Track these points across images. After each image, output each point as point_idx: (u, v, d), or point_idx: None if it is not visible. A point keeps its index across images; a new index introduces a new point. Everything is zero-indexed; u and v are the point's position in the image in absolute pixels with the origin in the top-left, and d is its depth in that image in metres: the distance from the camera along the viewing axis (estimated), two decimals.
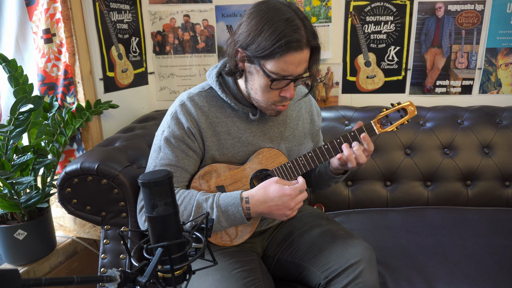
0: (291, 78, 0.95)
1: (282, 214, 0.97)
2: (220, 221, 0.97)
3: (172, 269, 0.58)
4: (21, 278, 0.42)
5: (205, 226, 0.65)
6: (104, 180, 1.12)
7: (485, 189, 1.62)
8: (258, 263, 1.07)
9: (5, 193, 1.29)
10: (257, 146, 1.09)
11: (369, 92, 1.87)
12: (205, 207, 0.97)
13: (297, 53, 0.91)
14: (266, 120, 1.11)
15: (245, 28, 0.94)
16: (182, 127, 1.03)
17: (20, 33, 1.45)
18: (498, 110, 1.71)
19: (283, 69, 0.92)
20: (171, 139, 1.03)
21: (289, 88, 0.97)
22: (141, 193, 0.93)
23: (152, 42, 1.89)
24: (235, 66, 0.99)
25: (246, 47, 0.93)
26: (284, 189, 0.95)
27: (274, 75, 0.93)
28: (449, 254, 1.24)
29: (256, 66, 0.95)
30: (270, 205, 0.96)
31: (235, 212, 0.96)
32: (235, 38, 0.97)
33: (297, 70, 0.94)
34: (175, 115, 1.05)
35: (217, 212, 0.96)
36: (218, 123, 1.06)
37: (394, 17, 1.77)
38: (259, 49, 0.91)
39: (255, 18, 0.92)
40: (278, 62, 0.91)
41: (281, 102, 1.01)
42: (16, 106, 1.23)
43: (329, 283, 1.00)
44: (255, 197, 0.97)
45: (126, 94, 1.71)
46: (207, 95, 1.08)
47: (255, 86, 0.99)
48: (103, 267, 1.16)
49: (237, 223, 0.98)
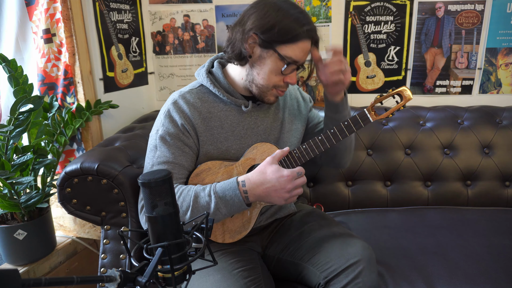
0: (298, 65, 1.03)
1: (280, 197, 0.97)
2: (219, 207, 0.97)
3: (172, 269, 0.58)
4: (21, 278, 0.42)
5: (205, 226, 0.65)
6: (104, 180, 1.12)
7: (485, 189, 1.62)
8: (258, 262, 1.07)
9: (5, 193, 1.29)
10: (250, 138, 1.11)
11: (369, 92, 1.87)
12: (202, 196, 0.98)
13: (308, 42, 1.01)
14: (258, 113, 1.13)
15: (257, 14, 0.99)
16: (176, 124, 1.05)
17: (20, 33, 1.45)
18: (498, 110, 1.71)
19: (296, 55, 1.00)
20: (166, 137, 1.04)
21: (293, 74, 1.05)
22: (141, 193, 0.93)
23: (152, 42, 1.89)
24: (240, 52, 1.02)
25: (263, 32, 0.98)
26: (281, 170, 0.97)
27: (288, 59, 1.00)
28: (449, 254, 1.24)
29: (269, 51, 1.00)
30: (267, 187, 0.96)
31: (233, 196, 0.96)
32: (246, 26, 1.00)
33: (304, 58, 1.03)
34: (168, 113, 1.06)
35: (215, 199, 0.97)
36: (211, 118, 1.08)
37: (394, 17, 1.77)
38: (281, 33, 0.97)
39: (270, 8, 0.99)
40: (296, 47, 0.99)
41: (282, 87, 1.06)
42: (16, 106, 1.23)
43: (329, 283, 1.00)
44: (251, 180, 0.98)
45: (126, 94, 1.71)
46: (198, 92, 1.10)
47: (263, 71, 1.03)
48: (103, 267, 1.16)
49: (236, 208, 0.98)
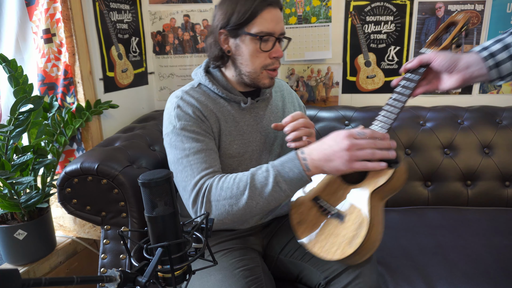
0: (276, 36, 1.02)
1: (339, 157, 0.86)
2: (278, 181, 0.89)
3: (172, 269, 0.58)
4: (21, 278, 0.42)
5: (205, 226, 0.65)
6: (104, 180, 1.12)
7: (485, 189, 1.62)
8: (259, 262, 1.07)
9: (5, 193, 1.29)
10: (251, 135, 1.10)
11: (369, 92, 1.87)
12: (260, 173, 0.91)
13: (274, 9, 1.01)
14: (258, 110, 1.13)
15: (219, 12, 1.04)
16: (190, 115, 1.02)
17: (20, 33, 1.45)
18: (498, 110, 1.71)
19: (266, 27, 1.00)
20: (187, 128, 1.00)
21: (276, 48, 1.04)
22: (142, 192, 0.93)
23: (152, 42, 1.89)
24: (220, 50, 1.05)
25: (227, 24, 1.02)
26: (341, 131, 0.88)
27: (260, 34, 1.00)
28: (449, 254, 1.24)
29: (241, 37, 1.02)
30: (324, 148, 0.88)
31: (292, 167, 0.89)
32: (213, 27, 1.06)
33: (277, 27, 1.02)
34: (178, 107, 1.03)
35: (273, 172, 0.90)
36: (216, 111, 1.07)
37: (394, 17, 1.77)
38: (240, 16, 0.99)
39: (226, 1, 1.03)
40: (261, 20, 1.00)
41: (272, 64, 1.05)
42: (16, 106, 1.23)
43: (329, 283, 1.00)
44: (310, 147, 0.92)
45: (126, 94, 1.71)
46: (198, 90, 1.10)
47: (245, 57, 1.04)
48: (103, 267, 1.16)
49: (296, 181, 0.89)
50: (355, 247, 0.87)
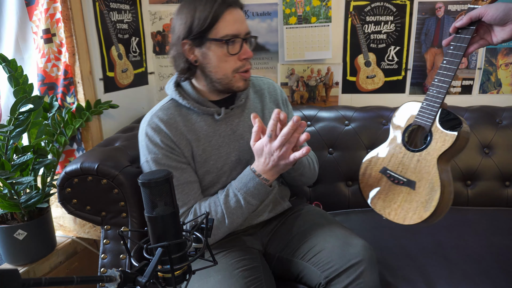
0: (242, 37, 1.00)
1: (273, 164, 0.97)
2: (248, 201, 1.00)
3: (172, 269, 0.58)
4: (21, 278, 0.42)
5: (205, 226, 0.65)
6: (104, 180, 1.12)
7: (485, 189, 1.62)
8: (260, 261, 1.07)
9: (5, 193, 1.29)
10: (228, 146, 1.10)
11: (369, 92, 1.87)
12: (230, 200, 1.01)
13: (234, 9, 0.99)
14: (233, 118, 1.12)
15: (178, 22, 1.01)
16: (160, 145, 1.03)
17: (20, 33, 1.45)
18: (498, 110, 1.71)
19: (230, 29, 0.98)
20: (159, 162, 1.03)
21: (244, 49, 1.02)
22: (142, 192, 0.93)
23: (152, 42, 1.89)
24: (186, 62, 1.03)
25: (189, 33, 0.98)
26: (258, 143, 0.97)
27: (226, 38, 0.98)
28: (449, 254, 1.24)
29: (206, 44, 1.00)
30: (262, 163, 0.98)
31: (256, 184, 0.99)
32: (174, 39, 1.03)
33: (242, 27, 1.00)
34: (146, 137, 1.04)
35: (241, 195, 1.00)
36: (187, 132, 1.06)
37: (394, 17, 1.77)
38: (201, 23, 0.96)
39: (182, 9, 1.00)
40: (223, 24, 0.97)
41: (243, 66, 1.04)
42: (16, 106, 1.23)
43: (330, 282, 1.00)
44: (254, 165, 1.01)
45: (126, 94, 1.71)
46: (169, 107, 1.08)
47: (213, 64, 1.02)
48: (103, 267, 1.16)
49: (263, 194, 1.01)
50: (432, 210, 0.97)
